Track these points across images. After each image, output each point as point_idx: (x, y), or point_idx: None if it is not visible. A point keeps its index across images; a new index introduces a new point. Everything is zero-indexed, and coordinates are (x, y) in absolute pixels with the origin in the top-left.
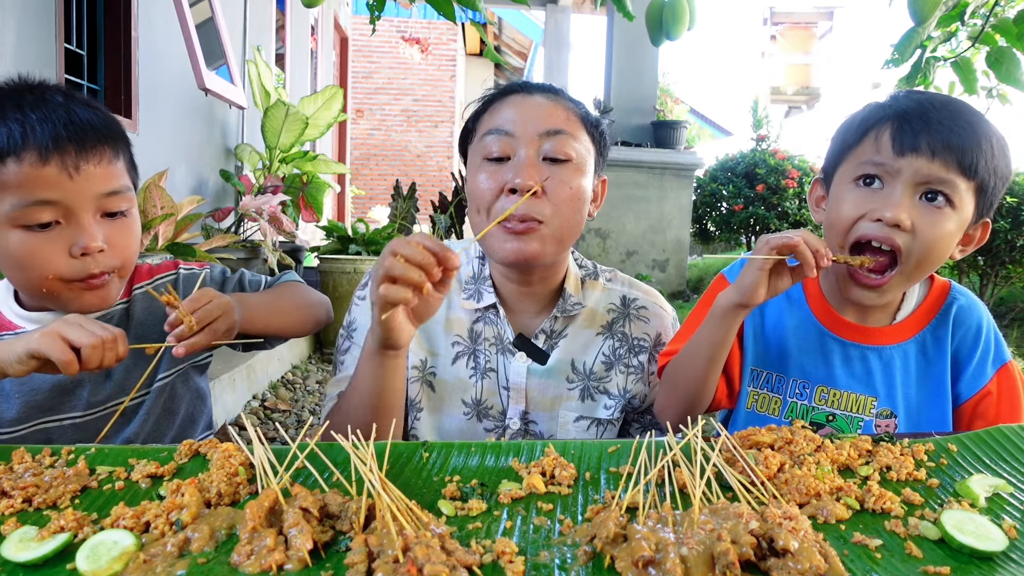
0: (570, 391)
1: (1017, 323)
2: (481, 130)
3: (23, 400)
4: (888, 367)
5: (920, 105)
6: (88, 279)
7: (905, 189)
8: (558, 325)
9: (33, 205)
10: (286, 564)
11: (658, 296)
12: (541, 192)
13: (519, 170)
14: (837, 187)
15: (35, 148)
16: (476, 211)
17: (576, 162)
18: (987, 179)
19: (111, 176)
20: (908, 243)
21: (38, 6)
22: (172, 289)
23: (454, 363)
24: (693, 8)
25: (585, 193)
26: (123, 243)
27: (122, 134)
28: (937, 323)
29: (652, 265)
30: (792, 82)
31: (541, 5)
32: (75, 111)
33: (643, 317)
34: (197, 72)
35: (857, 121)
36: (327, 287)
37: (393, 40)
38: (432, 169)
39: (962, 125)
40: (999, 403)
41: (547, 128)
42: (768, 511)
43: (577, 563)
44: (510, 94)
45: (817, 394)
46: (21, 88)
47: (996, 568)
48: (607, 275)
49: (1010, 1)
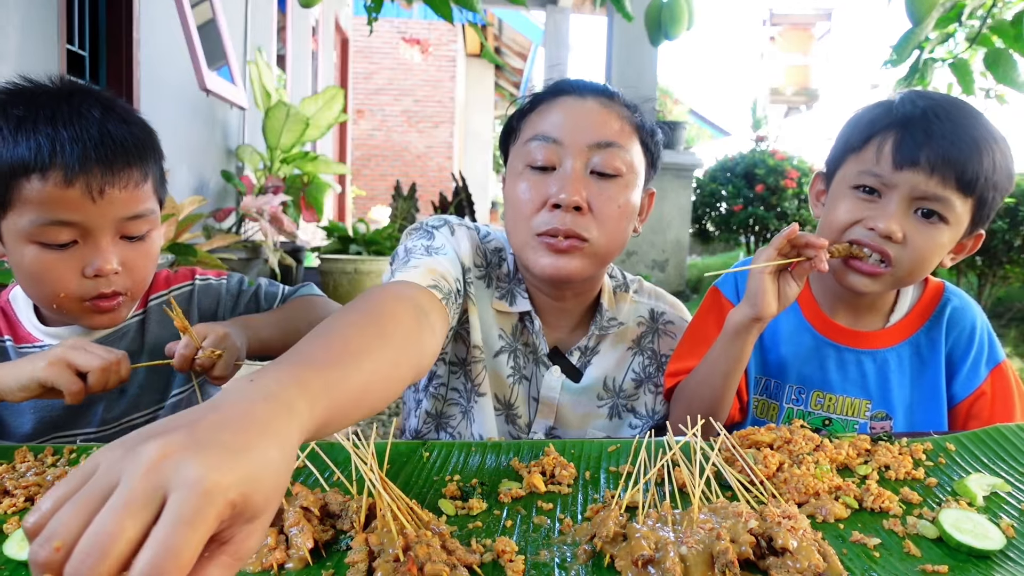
0: (600, 408)
1: (1015, 323)
2: (526, 133)
3: (38, 416)
4: (882, 370)
5: (924, 114)
6: (99, 299)
7: (900, 202)
8: (592, 342)
9: (52, 224)
10: (287, 563)
11: (683, 308)
12: (587, 209)
13: (564, 184)
14: (837, 188)
15: (61, 168)
16: (515, 220)
17: (626, 178)
18: (985, 194)
19: (135, 200)
20: (899, 253)
21: (40, 7)
22: (179, 311)
23: (496, 356)
24: (692, 8)
25: (633, 210)
26: (139, 265)
27: (154, 152)
28: (931, 325)
29: (652, 265)
30: (791, 83)
31: (540, 6)
32: (109, 129)
33: (670, 332)
34: (198, 73)
35: (863, 123)
36: (328, 287)
37: (393, 41)
38: (432, 169)
39: (965, 139)
40: (993, 403)
41: (598, 140)
42: (767, 510)
43: (577, 562)
44: (560, 95)
45: (813, 399)
46: (59, 96)
47: (994, 567)
48: (634, 286)
49: (1007, 2)
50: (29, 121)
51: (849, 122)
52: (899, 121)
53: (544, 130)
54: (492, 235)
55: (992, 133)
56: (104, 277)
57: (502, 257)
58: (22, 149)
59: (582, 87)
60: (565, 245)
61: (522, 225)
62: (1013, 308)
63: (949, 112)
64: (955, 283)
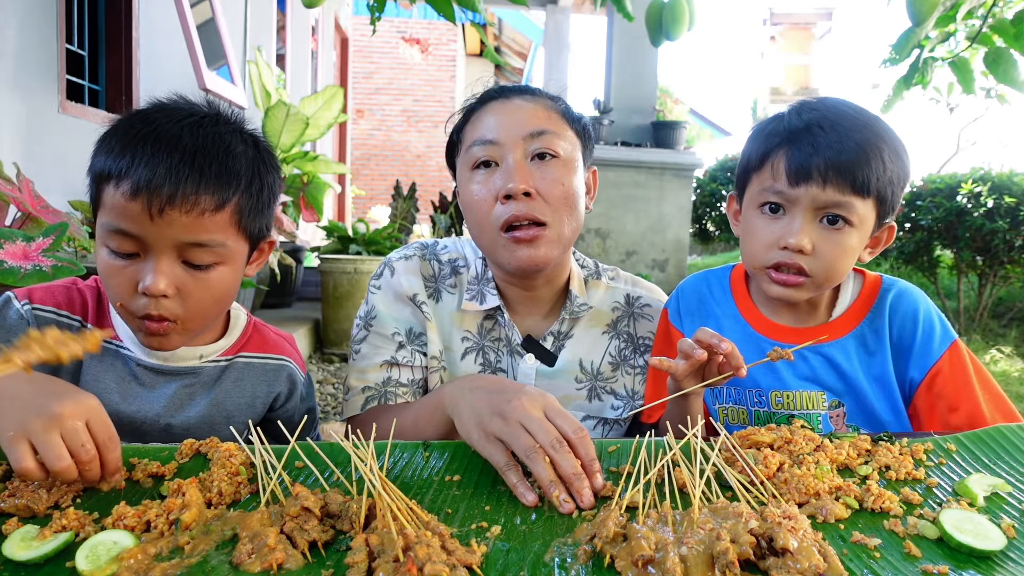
0: (578, 391)
1: (1016, 323)
2: (466, 142)
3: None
4: (830, 361)
5: (808, 127)
6: (147, 319)
7: (804, 215)
8: (565, 327)
9: (117, 232)
10: (287, 563)
11: (661, 293)
12: (535, 194)
13: (509, 175)
14: (747, 209)
15: (132, 181)
16: (477, 223)
17: (564, 158)
18: (884, 190)
19: (199, 227)
20: (812, 264)
21: (39, 6)
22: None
23: (463, 358)
24: (693, 9)
25: (578, 188)
26: (196, 296)
27: (255, 182)
28: (873, 316)
29: (652, 265)
30: (791, 82)
31: (541, 5)
32: (202, 154)
33: (647, 315)
34: (198, 72)
35: (759, 141)
36: (327, 287)
37: (393, 40)
38: (432, 169)
39: (850, 146)
40: (953, 380)
41: (531, 130)
42: (767, 510)
43: (577, 562)
44: (488, 102)
45: (773, 399)
46: (180, 119)
47: (995, 567)
48: (609, 274)
49: (1008, 2)
50: (135, 130)
51: (748, 139)
52: (787, 137)
53: (480, 134)
54: (447, 247)
55: (879, 134)
56: (154, 299)
57: (457, 266)
58: (114, 155)
59: (507, 90)
60: (530, 235)
61: (485, 225)
62: (1014, 308)
63: (834, 121)
64: (957, 283)
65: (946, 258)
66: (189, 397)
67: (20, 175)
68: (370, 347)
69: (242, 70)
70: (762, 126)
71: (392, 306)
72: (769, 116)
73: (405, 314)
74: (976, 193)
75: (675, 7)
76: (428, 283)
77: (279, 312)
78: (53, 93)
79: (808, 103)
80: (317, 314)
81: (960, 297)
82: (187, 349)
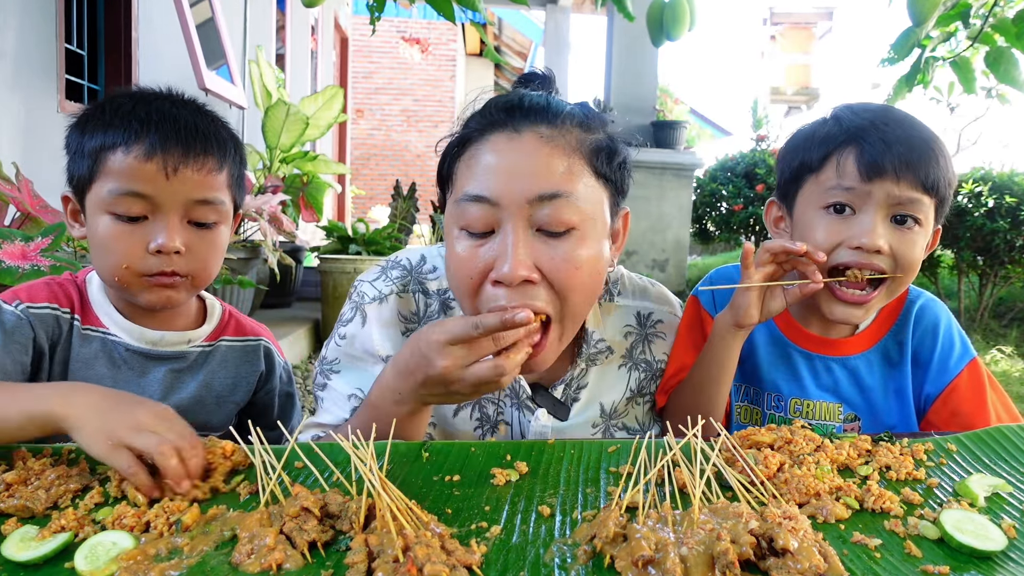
0: (593, 434)
1: (1016, 323)
2: (457, 184)
3: None
4: (854, 375)
5: (873, 124)
6: (158, 275)
7: (877, 213)
8: (578, 371)
9: (127, 195)
10: (286, 563)
11: (670, 300)
12: (540, 278)
13: (504, 254)
14: (803, 212)
15: (145, 144)
16: (459, 294)
17: (581, 229)
18: (944, 190)
19: (207, 185)
20: (890, 266)
21: (39, 6)
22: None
23: (456, 415)
24: (693, 9)
25: (598, 261)
26: (203, 253)
27: (234, 153)
28: (898, 328)
29: (652, 265)
30: (792, 82)
31: (541, 5)
32: (196, 121)
33: (660, 333)
34: (197, 72)
35: (816, 142)
36: (327, 287)
37: (393, 40)
38: (432, 169)
39: (918, 143)
40: (969, 398)
41: (540, 192)
42: (768, 511)
43: (577, 562)
44: (491, 131)
45: (792, 406)
46: (161, 96)
47: (995, 568)
48: (616, 288)
49: (1009, 1)
50: (128, 108)
51: (796, 144)
52: (853, 134)
53: (475, 187)
54: (437, 271)
55: (934, 134)
56: (167, 256)
57: (448, 300)
58: (116, 128)
59: (518, 120)
60: (535, 340)
61: (467, 304)
62: (1014, 308)
63: (896, 119)
64: (957, 283)
65: (947, 258)
66: (179, 380)
67: (19, 174)
68: (330, 401)
69: (241, 70)
70: (810, 131)
71: (357, 362)
72: (809, 123)
73: (372, 372)
74: (977, 193)
75: (676, 7)
76: (410, 324)
77: (279, 312)
78: (52, 93)
79: (851, 106)
80: (317, 314)
81: (961, 297)
82: (175, 334)
